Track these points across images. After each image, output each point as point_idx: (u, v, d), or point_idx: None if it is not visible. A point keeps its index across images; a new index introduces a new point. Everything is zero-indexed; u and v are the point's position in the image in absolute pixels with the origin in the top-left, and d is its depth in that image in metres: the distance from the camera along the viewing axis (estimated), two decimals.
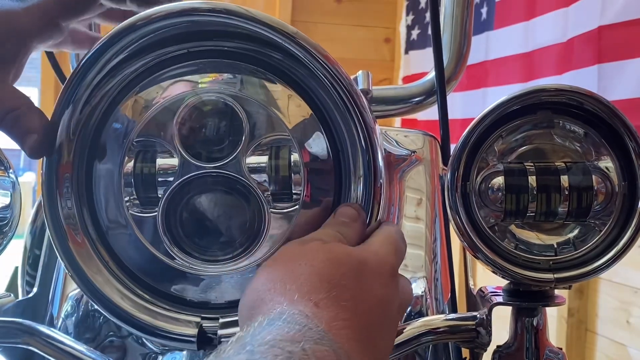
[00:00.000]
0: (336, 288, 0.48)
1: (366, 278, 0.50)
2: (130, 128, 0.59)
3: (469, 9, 0.97)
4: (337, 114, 0.59)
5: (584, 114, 0.65)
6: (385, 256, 0.54)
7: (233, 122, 0.59)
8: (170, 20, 0.57)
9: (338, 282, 0.48)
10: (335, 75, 0.58)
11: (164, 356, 0.77)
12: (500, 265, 0.64)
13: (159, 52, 0.60)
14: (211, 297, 0.61)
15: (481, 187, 0.65)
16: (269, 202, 0.59)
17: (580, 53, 2.06)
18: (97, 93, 0.59)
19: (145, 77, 0.60)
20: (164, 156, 0.59)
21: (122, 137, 0.60)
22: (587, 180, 0.64)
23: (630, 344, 2.11)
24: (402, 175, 0.87)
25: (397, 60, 3.60)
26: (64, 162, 0.59)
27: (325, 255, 0.51)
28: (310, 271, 0.49)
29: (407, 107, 0.99)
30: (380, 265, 0.52)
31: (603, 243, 0.64)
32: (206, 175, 0.58)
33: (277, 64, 0.60)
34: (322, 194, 0.60)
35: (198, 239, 0.60)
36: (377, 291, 0.50)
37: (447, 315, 0.72)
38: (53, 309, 0.86)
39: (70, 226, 0.59)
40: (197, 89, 0.59)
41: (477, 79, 2.68)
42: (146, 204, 0.59)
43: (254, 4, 3.25)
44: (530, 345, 0.68)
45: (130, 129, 0.59)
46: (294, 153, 0.59)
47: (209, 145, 0.59)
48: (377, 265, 0.52)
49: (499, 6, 2.61)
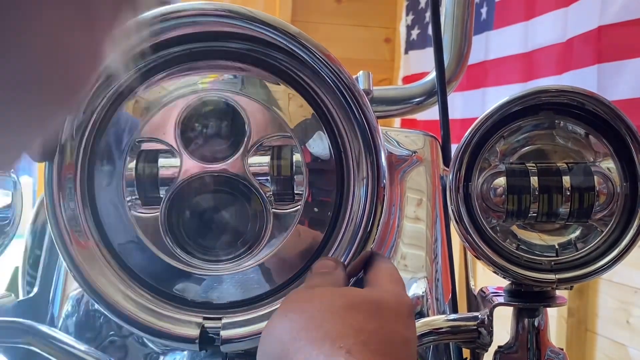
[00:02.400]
0: (362, 333, 0.47)
1: (388, 320, 0.49)
2: (132, 128, 0.59)
3: (470, 9, 0.97)
4: (340, 114, 0.59)
5: (585, 114, 0.65)
6: (400, 297, 0.52)
7: (235, 123, 0.59)
8: (173, 21, 0.57)
9: (362, 327, 0.47)
10: (337, 75, 0.58)
11: (165, 356, 0.76)
12: (501, 265, 0.64)
13: (161, 53, 0.60)
14: (213, 298, 0.61)
15: (483, 187, 0.65)
16: (271, 203, 0.59)
17: (579, 53, 2.06)
18: (99, 94, 0.59)
19: (147, 77, 0.60)
20: (166, 156, 0.59)
21: (124, 138, 0.60)
22: (589, 180, 0.64)
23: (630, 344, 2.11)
24: (402, 175, 0.87)
25: (397, 60, 3.60)
26: (66, 164, 0.59)
27: (341, 300, 0.49)
28: (331, 317, 0.48)
29: (408, 107, 0.99)
30: (399, 306, 0.51)
31: (605, 244, 0.64)
32: (208, 175, 0.58)
33: (279, 64, 0.60)
34: (325, 195, 0.60)
35: (200, 239, 0.60)
36: (401, 333, 0.49)
37: (448, 316, 0.72)
38: (54, 308, 0.86)
39: (73, 227, 0.59)
40: (199, 89, 0.59)
41: (477, 79, 2.67)
42: (148, 204, 0.59)
43: (254, 4, 3.25)
44: (532, 345, 0.68)
45: (132, 130, 0.59)
46: (296, 153, 0.59)
47: (211, 146, 0.59)
48: (396, 306, 0.51)
49: (499, 6, 2.61)
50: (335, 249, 0.60)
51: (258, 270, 0.60)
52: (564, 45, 2.16)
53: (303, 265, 0.60)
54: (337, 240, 0.60)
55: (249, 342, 0.59)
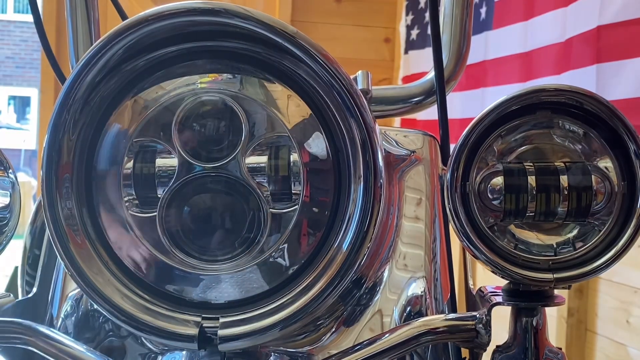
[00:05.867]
0: None
1: None
2: (130, 128, 0.60)
3: (469, 9, 0.97)
4: (337, 114, 0.59)
5: (583, 113, 0.65)
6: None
7: (232, 122, 0.59)
8: (170, 20, 0.57)
9: None
10: (334, 75, 0.58)
11: (163, 356, 0.77)
12: (499, 265, 0.64)
13: (158, 52, 0.60)
14: (211, 297, 0.61)
15: (480, 187, 0.65)
16: (269, 202, 0.59)
17: (578, 53, 2.06)
18: (97, 93, 0.59)
19: (145, 77, 0.60)
20: (164, 156, 0.59)
21: (121, 137, 0.60)
22: (587, 180, 0.64)
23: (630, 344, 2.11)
24: (401, 175, 0.87)
25: (397, 60, 3.60)
26: (63, 163, 0.59)
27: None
28: None
29: (407, 107, 0.99)
30: None
31: (602, 243, 0.64)
32: (205, 175, 0.58)
33: (276, 64, 0.60)
34: (322, 194, 0.60)
35: (197, 239, 0.60)
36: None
37: (447, 315, 0.72)
38: (53, 309, 0.86)
39: (71, 227, 0.59)
40: (196, 89, 0.60)
41: (476, 79, 2.67)
42: (146, 204, 0.59)
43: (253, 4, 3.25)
44: (530, 345, 0.68)
45: (130, 129, 0.59)
46: (294, 153, 0.59)
47: (209, 145, 0.59)
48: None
49: (498, 6, 2.61)
50: (333, 249, 0.60)
51: (256, 269, 0.60)
52: (563, 45, 2.16)
53: (300, 264, 0.61)
54: (334, 240, 0.60)
55: (246, 341, 0.59)
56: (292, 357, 0.76)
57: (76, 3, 1.00)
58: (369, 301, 0.80)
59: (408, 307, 0.81)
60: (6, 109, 15.22)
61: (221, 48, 0.60)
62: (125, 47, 0.58)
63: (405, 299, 0.81)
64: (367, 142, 0.58)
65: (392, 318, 0.80)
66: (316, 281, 0.60)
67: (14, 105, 15.59)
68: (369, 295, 0.81)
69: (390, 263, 0.83)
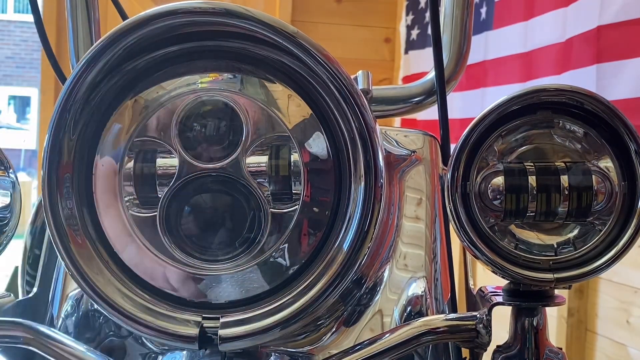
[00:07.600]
0: None
1: None
2: (130, 128, 0.60)
3: (469, 9, 0.97)
4: (337, 114, 0.59)
5: (584, 113, 0.65)
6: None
7: (233, 122, 0.59)
8: (171, 20, 0.57)
9: None
10: (335, 74, 0.58)
11: (164, 356, 0.77)
12: (500, 265, 0.64)
13: (159, 52, 0.60)
14: (211, 297, 0.61)
15: (481, 187, 0.65)
16: (269, 202, 0.59)
17: (579, 53, 2.06)
18: (98, 93, 0.59)
19: (146, 77, 0.60)
20: (164, 156, 0.59)
21: (122, 137, 0.60)
22: (587, 180, 0.64)
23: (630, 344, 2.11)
24: (402, 175, 0.88)
25: (397, 60, 3.60)
26: (64, 163, 0.59)
27: None
28: None
29: (407, 107, 0.99)
30: None
31: (603, 243, 0.64)
32: (206, 175, 0.59)
33: (277, 64, 0.60)
34: (323, 194, 0.60)
35: (198, 239, 0.60)
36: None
37: (447, 315, 0.72)
38: (53, 308, 0.86)
39: (71, 227, 0.59)
40: (197, 88, 0.60)
41: (476, 79, 2.67)
42: (146, 204, 0.59)
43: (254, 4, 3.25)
44: (530, 345, 0.68)
45: (130, 129, 0.60)
46: (294, 153, 0.59)
47: (209, 145, 0.59)
48: None
49: (498, 6, 2.61)
50: (334, 248, 0.60)
51: (256, 269, 0.60)
52: (563, 45, 2.16)
53: (301, 264, 0.61)
54: (335, 240, 0.60)
55: (247, 341, 0.59)
56: (292, 357, 0.76)
57: (76, 3, 1.00)
58: (369, 301, 0.81)
59: (408, 307, 0.81)
60: (6, 109, 15.22)
61: (222, 48, 0.60)
62: (126, 47, 0.58)
63: (406, 299, 0.81)
64: (367, 142, 0.58)
65: (392, 318, 0.80)
66: (317, 281, 0.60)
67: (14, 105, 15.59)
68: (369, 295, 0.81)
69: (391, 263, 0.83)
